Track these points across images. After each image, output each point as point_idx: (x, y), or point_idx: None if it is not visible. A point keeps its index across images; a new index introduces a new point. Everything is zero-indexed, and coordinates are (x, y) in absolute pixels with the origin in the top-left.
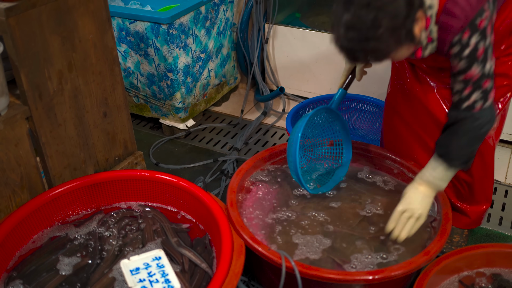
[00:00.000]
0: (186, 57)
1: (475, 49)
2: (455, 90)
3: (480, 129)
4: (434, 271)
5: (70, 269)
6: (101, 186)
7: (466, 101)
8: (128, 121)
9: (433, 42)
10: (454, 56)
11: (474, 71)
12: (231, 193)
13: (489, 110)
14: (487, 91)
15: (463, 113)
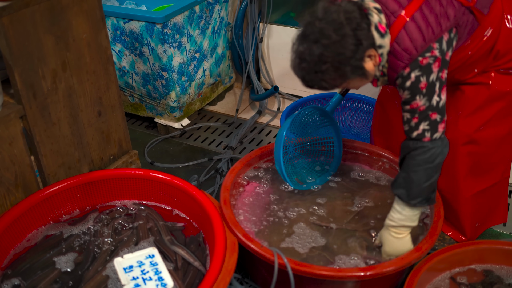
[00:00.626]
0: (180, 56)
1: (416, 81)
2: (405, 119)
3: (433, 161)
4: (425, 268)
5: (64, 267)
6: (95, 184)
7: (415, 130)
8: (122, 120)
9: (384, 76)
10: (399, 87)
11: (418, 102)
12: (224, 191)
13: (440, 141)
14: (436, 123)
15: (414, 143)
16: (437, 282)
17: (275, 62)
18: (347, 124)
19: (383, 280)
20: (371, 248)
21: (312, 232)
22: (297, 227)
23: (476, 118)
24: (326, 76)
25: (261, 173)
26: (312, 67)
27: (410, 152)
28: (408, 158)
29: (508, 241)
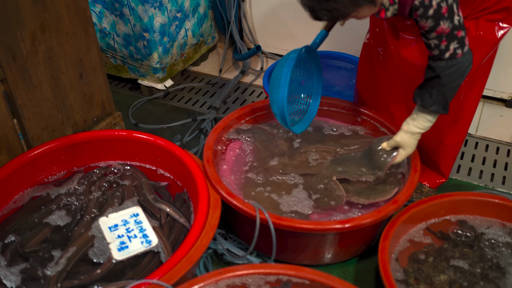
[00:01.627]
0: (162, 16)
1: (438, 7)
2: (433, 45)
3: (463, 74)
4: (402, 219)
5: (51, 227)
6: (79, 146)
7: (447, 51)
8: (105, 82)
9: (394, 4)
10: (420, 17)
11: (443, 27)
12: (207, 150)
13: (468, 53)
14: (463, 38)
15: (449, 62)
16: (413, 232)
17: (258, 21)
18: (329, 82)
19: (361, 232)
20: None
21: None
22: (280, 183)
23: None
24: (338, 4)
25: (244, 132)
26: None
27: (445, 71)
28: (442, 76)
29: (481, 192)
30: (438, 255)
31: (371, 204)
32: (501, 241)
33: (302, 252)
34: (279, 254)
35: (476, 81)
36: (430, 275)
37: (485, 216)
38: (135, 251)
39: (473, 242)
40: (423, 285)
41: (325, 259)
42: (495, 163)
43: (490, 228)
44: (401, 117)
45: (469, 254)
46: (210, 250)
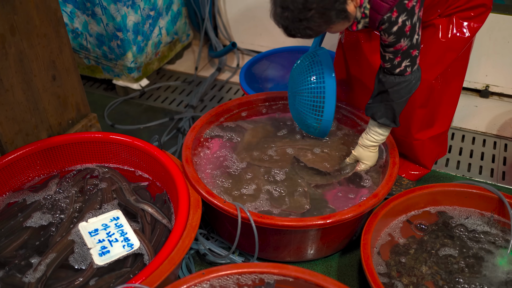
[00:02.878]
0: (135, 15)
1: (403, 26)
2: (387, 58)
3: (410, 91)
4: (383, 213)
5: (28, 234)
6: (55, 150)
7: (398, 68)
8: (79, 83)
9: (366, 18)
10: (384, 31)
11: (402, 44)
12: (186, 149)
13: (417, 71)
14: (415, 58)
15: (397, 78)
16: (394, 225)
17: (233, 17)
18: None
19: (342, 226)
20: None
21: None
22: (260, 181)
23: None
24: (311, 23)
25: (222, 130)
26: (296, 15)
27: (394, 87)
28: (391, 92)
29: (459, 183)
30: (419, 247)
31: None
32: (480, 230)
33: (285, 249)
34: (262, 252)
35: (454, 76)
36: (412, 267)
37: (463, 207)
38: (117, 256)
39: (453, 232)
40: (406, 277)
41: (308, 255)
42: (471, 153)
43: (469, 218)
44: None
45: (450, 245)
46: (192, 251)
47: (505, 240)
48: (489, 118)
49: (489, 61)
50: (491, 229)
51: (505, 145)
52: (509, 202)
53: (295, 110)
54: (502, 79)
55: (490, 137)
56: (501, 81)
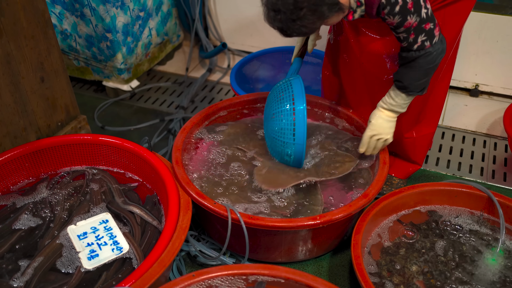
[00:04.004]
0: (124, 16)
1: (404, 3)
2: (402, 39)
3: (433, 62)
4: (373, 212)
5: (17, 237)
6: (44, 152)
7: (415, 44)
8: (68, 85)
9: (361, 6)
10: (388, 14)
11: (410, 21)
12: (176, 151)
13: (439, 43)
14: (431, 30)
15: (417, 53)
16: (385, 225)
17: (223, 17)
18: None
19: (333, 227)
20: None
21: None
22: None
23: None
24: (305, 22)
25: (213, 131)
26: (289, 16)
27: (415, 60)
28: (413, 63)
29: (449, 182)
30: (409, 246)
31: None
32: (470, 229)
33: (276, 250)
34: (253, 253)
35: (443, 75)
36: (402, 267)
37: (453, 206)
38: (106, 259)
39: (443, 231)
40: (396, 277)
41: (299, 256)
42: (461, 152)
43: (459, 217)
44: (365, 113)
45: (440, 244)
46: (183, 253)
47: (495, 239)
48: (479, 117)
49: (478, 60)
50: (481, 227)
51: (494, 144)
52: (498, 200)
53: (269, 137)
54: (492, 78)
55: (480, 136)
56: (490, 80)
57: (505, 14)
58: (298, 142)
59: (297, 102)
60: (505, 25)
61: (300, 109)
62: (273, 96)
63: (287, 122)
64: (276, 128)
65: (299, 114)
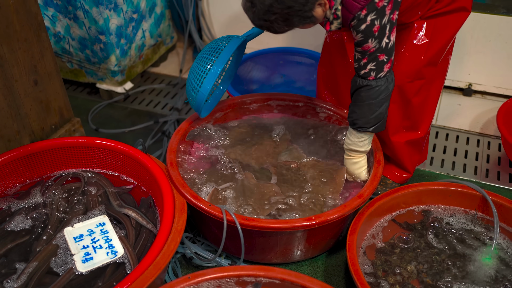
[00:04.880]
0: (117, 18)
1: (371, 25)
2: (356, 58)
3: (377, 97)
4: (368, 213)
5: (14, 239)
6: (38, 156)
7: (363, 69)
8: (61, 88)
9: (338, 18)
10: (353, 28)
11: (370, 45)
12: (170, 153)
13: (384, 79)
14: (383, 63)
15: (361, 81)
16: (380, 225)
17: (216, 19)
18: (291, 78)
19: (328, 227)
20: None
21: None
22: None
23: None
24: (274, 25)
25: (208, 132)
26: (261, 15)
27: (358, 89)
28: (355, 94)
29: (443, 181)
30: (404, 246)
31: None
32: (465, 228)
33: (271, 251)
34: (249, 255)
35: (433, 80)
36: (398, 266)
37: (448, 205)
38: (100, 263)
39: (438, 230)
40: (391, 277)
41: (295, 257)
42: (455, 152)
43: (453, 217)
44: None
45: (435, 243)
46: (178, 255)
47: (489, 237)
48: (472, 116)
49: (471, 59)
50: (475, 226)
51: (488, 143)
52: (492, 199)
53: (188, 75)
54: (485, 78)
55: (474, 135)
56: (483, 79)
57: (498, 14)
58: (202, 92)
59: (219, 59)
60: (497, 24)
61: (216, 66)
62: (211, 43)
63: (203, 70)
64: (194, 70)
65: (213, 69)
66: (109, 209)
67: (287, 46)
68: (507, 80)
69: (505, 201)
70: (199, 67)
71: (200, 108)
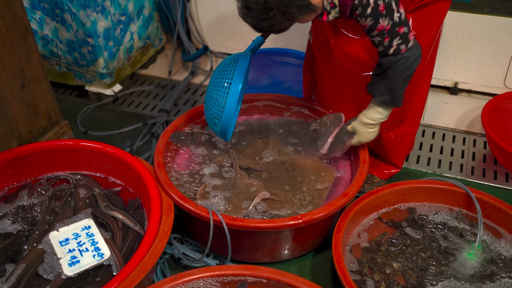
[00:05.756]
0: (105, 21)
1: (376, 5)
2: (377, 43)
3: (411, 68)
4: (354, 211)
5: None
6: (26, 159)
7: (391, 48)
8: (49, 91)
9: (335, 7)
10: (360, 16)
11: (383, 24)
12: (158, 154)
13: (414, 48)
14: (405, 34)
15: (394, 58)
16: (366, 223)
17: (205, 20)
18: (278, 78)
19: (314, 226)
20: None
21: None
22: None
23: None
24: (275, 21)
25: (196, 133)
26: (260, 15)
27: (392, 65)
28: (389, 70)
29: (428, 179)
30: (390, 243)
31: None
32: (449, 225)
33: (258, 251)
34: (236, 254)
35: (423, 76)
36: (383, 264)
37: (433, 202)
38: (86, 265)
39: (423, 228)
40: (377, 274)
41: (282, 256)
42: (441, 150)
43: (438, 214)
44: (347, 113)
45: (420, 240)
46: (166, 255)
47: (473, 234)
48: (458, 115)
49: (457, 58)
50: (460, 223)
51: (474, 141)
52: (476, 196)
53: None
54: (470, 76)
55: (460, 133)
56: (469, 78)
57: (482, 13)
58: (226, 116)
59: (235, 80)
60: (481, 24)
61: (235, 86)
62: (220, 66)
63: (222, 95)
64: (212, 97)
65: (232, 90)
66: (96, 211)
67: (275, 47)
68: (492, 78)
69: (489, 198)
70: (215, 92)
71: (227, 132)
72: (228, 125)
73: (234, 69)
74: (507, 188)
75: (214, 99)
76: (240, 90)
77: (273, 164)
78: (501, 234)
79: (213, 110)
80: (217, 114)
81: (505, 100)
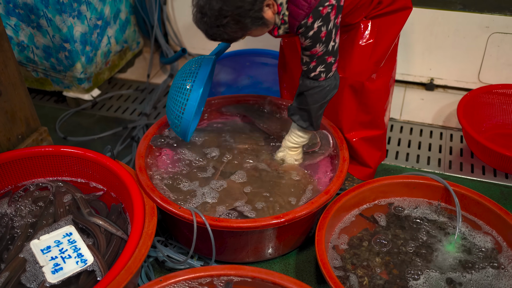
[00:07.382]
0: (81, 25)
1: (318, 31)
2: (304, 61)
3: (325, 97)
4: (335, 208)
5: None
6: (5, 166)
7: (313, 72)
8: (27, 97)
9: (285, 24)
10: (301, 35)
11: (318, 49)
12: (139, 158)
13: (333, 78)
14: (330, 64)
15: (311, 83)
16: (347, 219)
17: (182, 23)
18: (257, 79)
19: (297, 224)
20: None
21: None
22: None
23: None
24: (227, 29)
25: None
26: (213, 21)
27: (309, 91)
28: (306, 95)
29: (408, 174)
30: (372, 239)
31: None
32: (429, 219)
33: (243, 251)
34: (221, 255)
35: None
36: (366, 259)
37: (412, 197)
38: (70, 272)
39: (404, 222)
40: (360, 269)
41: (266, 255)
42: (419, 145)
43: (418, 208)
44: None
45: (401, 235)
46: (151, 259)
47: (453, 227)
48: (435, 110)
49: (432, 55)
50: (439, 217)
51: (450, 135)
52: (454, 189)
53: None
54: (445, 72)
55: (437, 128)
56: (444, 74)
57: (454, 10)
58: (186, 117)
59: (197, 83)
60: (454, 20)
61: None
62: (184, 69)
63: (183, 96)
64: (174, 98)
65: (194, 93)
66: (77, 218)
67: (253, 48)
68: (466, 73)
69: (467, 191)
70: (177, 94)
71: (187, 133)
72: (188, 126)
73: (197, 72)
74: (484, 181)
75: (176, 101)
76: (201, 93)
77: (251, 167)
78: (479, 226)
79: (175, 111)
80: (178, 115)
81: (479, 94)
